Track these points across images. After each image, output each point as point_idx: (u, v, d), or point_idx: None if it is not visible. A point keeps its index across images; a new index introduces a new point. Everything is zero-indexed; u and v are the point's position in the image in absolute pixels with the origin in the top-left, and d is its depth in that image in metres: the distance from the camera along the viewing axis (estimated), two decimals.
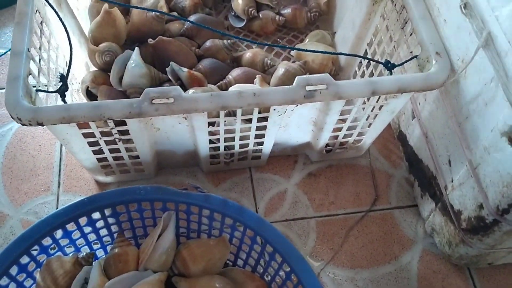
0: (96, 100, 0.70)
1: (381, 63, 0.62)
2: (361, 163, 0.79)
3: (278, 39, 0.91)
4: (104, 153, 0.64)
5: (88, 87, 0.70)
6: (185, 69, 0.73)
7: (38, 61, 0.58)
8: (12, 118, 0.51)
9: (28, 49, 0.55)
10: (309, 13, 0.90)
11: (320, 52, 0.72)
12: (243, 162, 0.74)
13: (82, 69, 0.76)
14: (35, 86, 0.56)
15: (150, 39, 0.76)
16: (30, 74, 0.55)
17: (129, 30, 0.80)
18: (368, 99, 0.60)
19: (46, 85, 0.59)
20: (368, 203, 0.75)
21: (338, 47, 0.86)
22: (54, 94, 0.59)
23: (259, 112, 0.60)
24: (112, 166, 0.68)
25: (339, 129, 0.68)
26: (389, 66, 0.61)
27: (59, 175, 0.74)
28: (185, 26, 0.84)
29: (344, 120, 0.65)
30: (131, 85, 0.70)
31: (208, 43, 0.83)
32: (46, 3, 0.62)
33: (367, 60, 0.78)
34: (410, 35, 0.63)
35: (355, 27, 0.79)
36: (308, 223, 0.72)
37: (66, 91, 0.56)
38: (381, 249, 0.71)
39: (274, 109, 0.58)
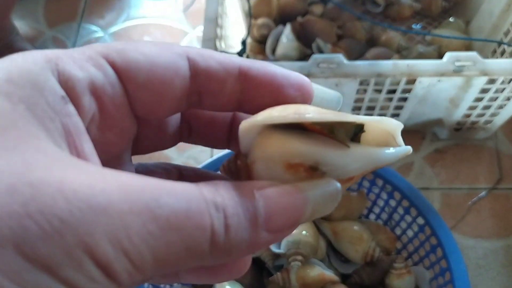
0: None
1: None
2: (487, 144, 0.83)
3: (412, 26, 0.97)
4: None
5: (248, 55, 0.82)
6: (329, 46, 0.82)
7: (220, 28, 0.70)
8: None
9: (217, 18, 0.67)
10: (443, 1, 0.95)
11: (458, 38, 0.78)
12: None
13: (239, 39, 0.88)
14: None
15: (299, 17, 0.87)
16: (217, 38, 0.67)
17: (277, 9, 0.91)
18: (510, 81, 0.65)
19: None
20: (492, 182, 0.79)
21: (472, 36, 0.90)
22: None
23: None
24: None
25: (474, 108, 0.73)
26: None
27: None
28: (327, 8, 0.93)
29: (480, 99, 0.71)
30: (284, 56, 0.81)
31: (348, 25, 0.91)
32: None
33: (502, 49, 0.83)
34: None
35: (492, 16, 0.84)
36: (433, 194, 0.79)
37: (244, 53, 0.68)
38: (502, 224, 0.75)
39: (419, 82, 0.66)
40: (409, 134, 0.84)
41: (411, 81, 0.67)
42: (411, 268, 0.61)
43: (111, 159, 0.21)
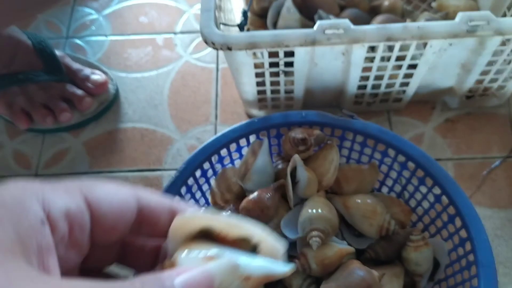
0: None
1: None
2: (500, 112, 0.80)
3: None
4: (265, 85, 0.72)
5: (248, 29, 0.79)
6: (332, 17, 0.79)
7: None
8: (207, 43, 0.60)
9: None
10: None
11: None
12: (384, 104, 0.79)
13: (239, 14, 0.85)
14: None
15: None
16: (216, 9, 0.63)
17: None
18: None
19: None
20: (507, 150, 0.77)
21: (480, 3, 0.86)
22: (227, 29, 0.68)
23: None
24: (267, 100, 0.77)
25: (487, 73, 0.70)
26: None
27: (216, 108, 0.84)
28: None
29: (494, 63, 0.68)
30: (286, 29, 0.77)
31: None
32: None
33: (511, 13, 0.79)
34: None
35: None
36: (446, 164, 0.76)
37: (246, 25, 0.64)
38: None
39: (430, 46, 0.63)
40: (418, 104, 0.81)
41: (421, 47, 0.64)
42: (428, 240, 0.59)
43: (67, 270, 0.26)
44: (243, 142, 0.65)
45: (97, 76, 0.82)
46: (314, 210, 0.55)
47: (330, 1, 0.85)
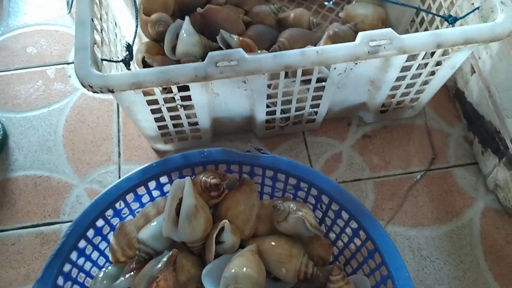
0: None
1: (442, 16, 0.61)
2: (416, 123, 0.78)
3: (324, 2, 0.90)
4: (165, 121, 0.65)
5: (144, 57, 0.71)
6: (235, 36, 0.73)
7: (100, 31, 0.59)
8: (83, 86, 0.52)
9: (92, 19, 0.56)
10: None
11: None
12: (297, 126, 0.75)
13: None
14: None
15: (199, 8, 0.76)
16: (95, 43, 0.56)
17: (174, 1, 0.80)
18: (432, 53, 0.59)
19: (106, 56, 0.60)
20: (426, 162, 0.74)
21: (388, 6, 0.84)
22: (115, 64, 0.61)
23: (319, 72, 0.59)
24: (171, 134, 0.70)
25: (397, 88, 0.67)
26: (451, 20, 0.60)
27: (119, 145, 0.76)
28: None
29: (403, 78, 0.65)
30: (185, 54, 0.71)
31: (255, 9, 0.82)
32: None
33: (420, 18, 0.77)
34: None
35: None
36: (366, 184, 0.72)
37: (131, 60, 0.57)
38: (442, 208, 0.70)
39: (335, 68, 0.58)
40: (334, 121, 0.77)
41: (326, 68, 0.60)
42: (349, 278, 0.54)
43: None
44: (141, 190, 0.58)
45: None
46: (242, 269, 0.49)
47: (234, 19, 0.79)
